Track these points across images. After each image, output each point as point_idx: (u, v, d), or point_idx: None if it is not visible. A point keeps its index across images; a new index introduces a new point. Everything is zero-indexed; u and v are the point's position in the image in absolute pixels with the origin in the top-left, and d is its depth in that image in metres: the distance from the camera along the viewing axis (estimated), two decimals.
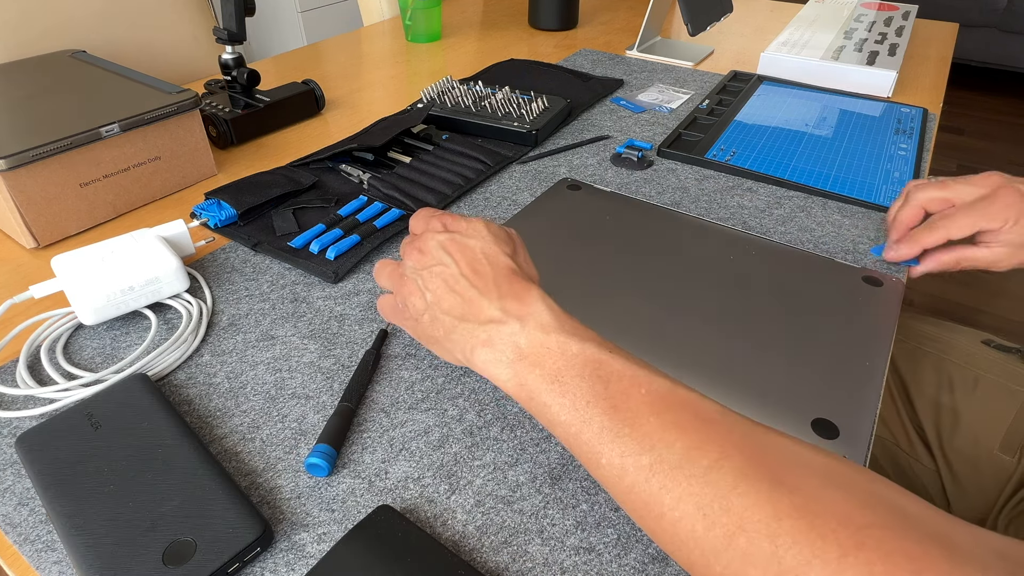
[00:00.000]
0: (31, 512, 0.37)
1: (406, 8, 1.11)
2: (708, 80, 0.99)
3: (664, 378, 0.33)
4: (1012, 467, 0.66)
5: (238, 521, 0.34)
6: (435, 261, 0.39)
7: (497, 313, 0.36)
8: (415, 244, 0.41)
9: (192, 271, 0.55)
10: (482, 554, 0.35)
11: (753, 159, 0.74)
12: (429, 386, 0.45)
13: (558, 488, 0.39)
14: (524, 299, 0.37)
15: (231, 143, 0.77)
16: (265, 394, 0.45)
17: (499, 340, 0.36)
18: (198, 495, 0.35)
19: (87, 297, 0.47)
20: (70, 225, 0.61)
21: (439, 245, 0.40)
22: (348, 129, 0.82)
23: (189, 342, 0.48)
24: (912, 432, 0.71)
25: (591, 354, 0.34)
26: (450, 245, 0.39)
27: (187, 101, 0.65)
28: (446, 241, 0.40)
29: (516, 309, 0.36)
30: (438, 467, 0.40)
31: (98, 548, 0.33)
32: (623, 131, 0.82)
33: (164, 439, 0.39)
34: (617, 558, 0.35)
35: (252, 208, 0.62)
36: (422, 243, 0.41)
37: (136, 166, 0.64)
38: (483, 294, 0.37)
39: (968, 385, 0.70)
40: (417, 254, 0.40)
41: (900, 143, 0.78)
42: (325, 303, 0.53)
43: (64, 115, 0.61)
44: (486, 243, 0.40)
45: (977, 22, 2.86)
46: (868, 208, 0.66)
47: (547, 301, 0.37)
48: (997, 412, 0.67)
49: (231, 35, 0.79)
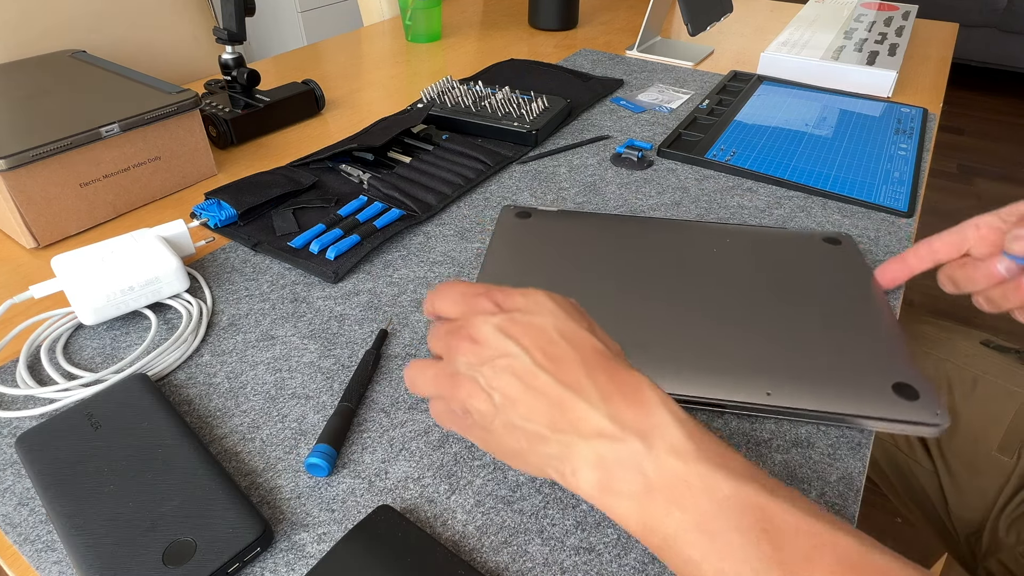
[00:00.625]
0: (31, 512, 0.37)
1: (406, 8, 1.11)
2: (708, 80, 0.99)
3: (848, 534, 0.26)
4: (1011, 468, 0.66)
5: (238, 521, 0.34)
6: (498, 352, 0.31)
7: (607, 425, 0.28)
8: (463, 332, 0.32)
9: (192, 271, 0.55)
10: (482, 554, 0.35)
11: (753, 159, 0.74)
12: None
13: (558, 488, 0.39)
14: (639, 402, 0.29)
15: (231, 143, 0.77)
16: (265, 394, 0.45)
17: (615, 463, 0.28)
18: (198, 495, 0.35)
19: (87, 297, 0.47)
20: (70, 225, 0.61)
21: (497, 329, 0.31)
22: (348, 129, 0.82)
23: (189, 342, 0.48)
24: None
25: (750, 497, 0.26)
26: (512, 328, 0.31)
27: (187, 101, 0.65)
28: (505, 323, 0.31)
29: (633, 419, 0.28)
30: (438, 467, 0.40)
31: (98, 548, 0.33)
32: (623, 131, 0.82)
33: (164, 439, 0.39)
34: (617, 558, 0.35)
35: (252, 208, 0.63)
36: (473, 330, 0.32)
37: (136, 166, 0.64)
38: (578, 393, 0.29)
39: (967, 386, 0.70)
40: (469, 344, 0.32)
41: (900, 143, 0.78)
42: (325, 303, 0.53)
43: (64, 115, 0.61)
44: (558, 319, 0.32)
45: (977, 22, 2.86)
46: (868, 208, 0.66)
47: (670, 405, 0.29)
48: (996, 413, 0.67)
49: (231, 35, 0.79)
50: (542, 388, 0.30)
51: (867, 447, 0.41)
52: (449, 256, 0.59)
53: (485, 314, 0.33)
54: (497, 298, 0.33)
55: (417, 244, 0.60)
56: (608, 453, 0.28)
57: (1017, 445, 0.66)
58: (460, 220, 0.64)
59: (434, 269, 0.57)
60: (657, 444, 0.28)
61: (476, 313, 0.33)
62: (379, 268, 0.57)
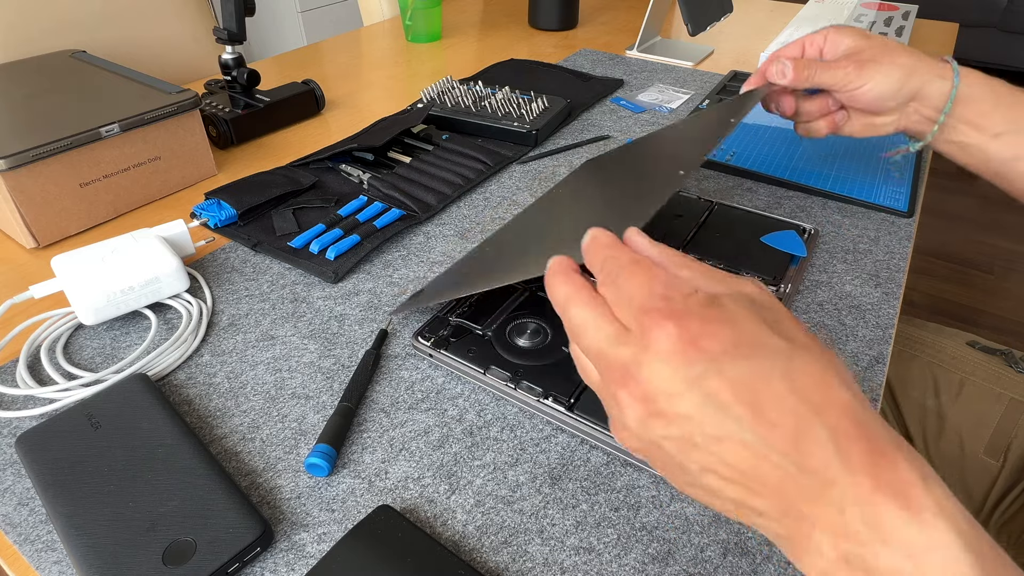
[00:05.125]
0: (31, 512, 0.37)
1: (406, 8, 1.11)
2: (708, 80, 0.99)
3: None
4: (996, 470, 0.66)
5: (238, 521, 0.34)
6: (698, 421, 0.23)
7: (860, 527, 0.22)
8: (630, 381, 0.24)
9: (192, 271, 0.55)
10: (482, 554, 0.35)
11: (753, 159, 0.74)
12: (429, 386, 0.45)
13: (558, 488, 0.39)
14: (912, 508, 0.21)
15: (231, 143, 0.77)
16: (265, 394, 0.45)
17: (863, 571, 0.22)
18: (198, 495, 0.35)
19: (87, 297, 0.47)
20: (70, 225, 0.61)
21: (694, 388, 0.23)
22: (348, 129, 0.82)
23: (189, 342, 0.48)
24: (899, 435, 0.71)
25: None
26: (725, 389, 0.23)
27: (187, 101, 0.65)
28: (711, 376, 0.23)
29: (900, 529, 0.21)
30: (438, 467, 0.40)
31: (98, 548, 0.33)
32: (623, 131, 0.82)
33: (164, 439, 0.39)
34: (617, 558, 0.35)
35: (252, 208, 0.62)
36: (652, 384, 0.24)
37: (136, 166, 0.64)
38: (825, 483, 0.22)
39: (953, 388, 0.70)
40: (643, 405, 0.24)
41: (900, 143, 0.78)
42: (325, 303, 0.53)
43: (64, 115, 0.61)
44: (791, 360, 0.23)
45: (977, 22, 2.86)
46: (868, 208, 0.66)
47: (955, 516, 0.22)
48: (982, 415, 0.68)
49: (231, 35, 0.79)
50: (772, 472, 0.22)
51: None
52: (449, 256, 0.59)
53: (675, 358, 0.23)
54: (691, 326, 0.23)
55: (417, 244, 0.60)
56: (856, 560, 0.22)
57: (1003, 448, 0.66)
58: (460, 220, 0.64)
59: (434, 269, 0.57)
60: (931, 571, 0.21)
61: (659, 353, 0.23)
62: (379, 268, 0.57)
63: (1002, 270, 1.96)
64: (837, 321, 0.52)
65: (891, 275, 0.57)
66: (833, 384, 0.23)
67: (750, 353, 0.23)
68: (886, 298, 0.54)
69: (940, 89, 0.52)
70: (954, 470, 0.68)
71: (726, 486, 0.24)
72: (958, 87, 0.51)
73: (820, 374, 0.23)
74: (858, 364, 0.48)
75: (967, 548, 0.21)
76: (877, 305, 0.53)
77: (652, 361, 0.24)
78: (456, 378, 0.46)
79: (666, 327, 0.23)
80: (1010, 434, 0.66)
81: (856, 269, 0.57)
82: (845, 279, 0.56)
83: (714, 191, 0.69)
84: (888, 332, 0.51)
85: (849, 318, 0.52)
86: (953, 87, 0.51)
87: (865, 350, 0.49)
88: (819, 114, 0.56)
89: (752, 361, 0.23)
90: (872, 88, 0.52)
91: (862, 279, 0.56)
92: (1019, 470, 0.65)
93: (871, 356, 0.48)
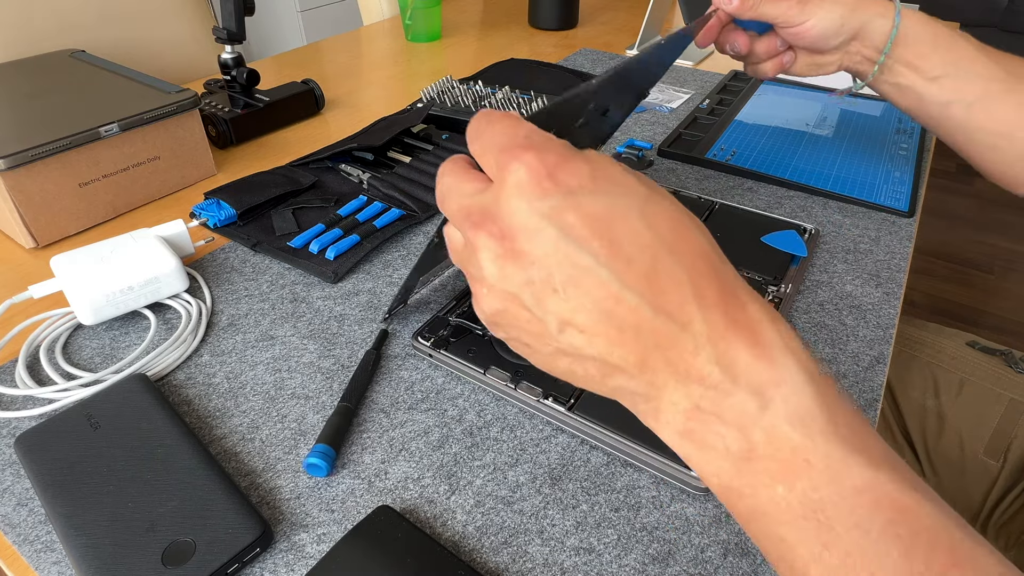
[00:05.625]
0: (30, 512, 0.37)
1: (406, 8, 1.11)
2: (708, 80, 0.98)
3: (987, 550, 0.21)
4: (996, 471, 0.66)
5: (237, 521, 0.34)
6: (555, 262, 0.22)
7: (713, 371, 0.22)
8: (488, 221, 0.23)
9: (191, 271, 0.55)
10: (482, 555, 0.35)
11: (753, 159, 0.74)
12: (429, 386, 0.45)
13: (558, 488, 0.39)
14: (758, 343, 0.22)
15: (231, 143, 0.77)
16: (265, 394, 0.45)
17: (714, 417, 0.22)
18: (197, 495, 0.35)
19: (86, 297, 0.47)
20: (69, 225, 0.61)
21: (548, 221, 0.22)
22: (348, 129, 0.82)
23: (188, 342, 0.48)
24: (899, 435, 0.71)
25: (886, 492, 0.21)
26: (578, 218, 0.22)
27: (186, 101, 0.65)
28: (564, 209, 0.22)
29: (748, 368, 0.22)
30: (438, 467, 0.40)
31: (97, 548, 0.33)
32: (623, 131, 0.82)
33: (163, 439, 0.39)
34: (617, 558, 0.35)
35: (252, 208, 0.62)
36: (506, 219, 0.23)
37: (135, 166, 0.64)
38: (681, 325, 0.22)
39: (953, 388, 0.70)
40: (499, 245, 0.23)
41: (901, 143, 0.78)
42: (325, 303, 0.53)
43: (63, 115, 0.61)
44: (647, 203, 0.23)
45: (977, 22, 2.86)
46: (869, 208, 0.66)
47: (797, 351, 0.22)
48: (982, 416, 0.68)
49: (231, 35, 0.79)
50: (629, 316, 0.22)
51: None
52: None
53: (531, 191, 0.22)
54: (547, 158, 0.22)
55: (417, 244, 0.60)
56: (707, 404, 0.22)
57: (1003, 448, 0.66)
58: None
59: None
60: (775, 406, 0.21)
61: (515, 186, 0.22)
62: (379, 268, 0.57)
63: (1002, 270, 1.96)
64: (838, 321, 0.52)
65: (892, 275, 0.57)
66: (691, 228, 0.23)
67: (609, 189, 0.23)
68: (887, 298, 0.54)
69: (881, 28, 0.52)
70: (954, 470, 0.67)
71: (586, 342, 0.23)
72: (899, 27, 0.52)
73: (678, 218, 0.23)
74: (859, 364, 0.48)
75: (810, 381, 0.22)
76: (878, 305, 0.53)
77: (509, 197, 0.23)
78: (456, 378, 0.46)
79: (523, 157, 0.22)
80: (1010, 435, 0.66)
81: (857, 269, 0.57)
82: (846, 279, 0.56)
83: (714, 191, 0.69)
84: (889, 332, 0.51)
85: (850, 318, 0.52)
86: (894, 27, 0.52)
87: (866, 350, 0.49)
88: (767, 56, 0.58)
89: (611, 197, 0.22)
90: (814, 25, 0.52)
91: (863, 279, 0.56)
92: (1019, 471, 0.65)
93: (872, 356, 0.48)
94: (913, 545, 0.20)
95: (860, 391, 0.45)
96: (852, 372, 0.47)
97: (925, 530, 0.20)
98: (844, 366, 0.47)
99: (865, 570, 0.20)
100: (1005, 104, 0.52)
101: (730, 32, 0.57)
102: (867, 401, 0.45)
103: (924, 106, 0.55)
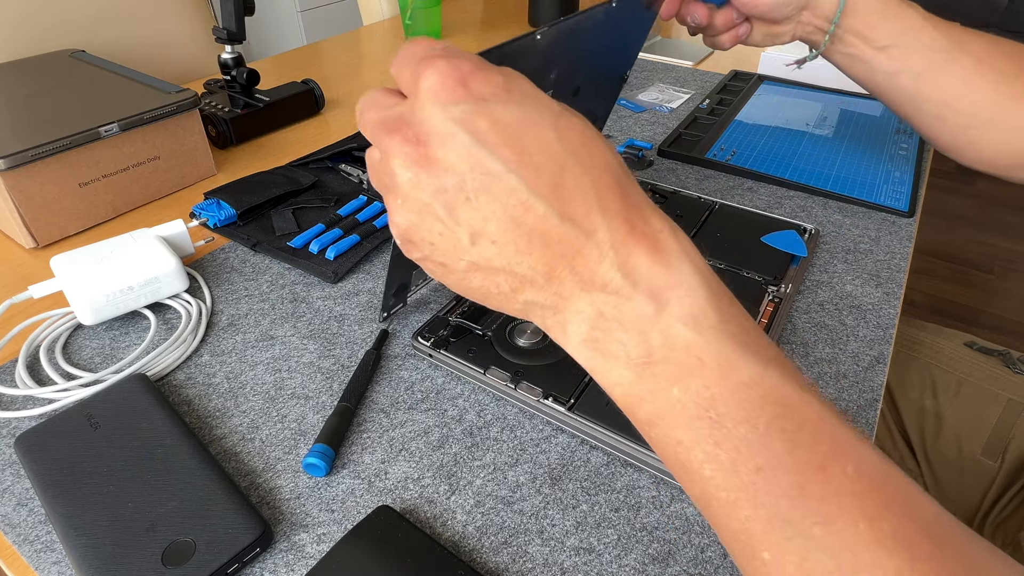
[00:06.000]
0: (30, 512, 0.37)
1: (406, 8, 1.11)
2: (708, 79, 0.98)
3: (870, 448, 0.22)
4: (994, 471, 0.66)
5: (237, 521, 0.34)
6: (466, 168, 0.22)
7: (615, 276, 0.22)
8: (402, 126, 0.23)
9: (191, 271, 0.55)
10: (482, 555, 0.35)
11: (753, 159, 0.74)
12: (429, 386, 0.45)
13: (558, 488, 0.39)
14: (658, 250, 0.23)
15: (230, 143, 0.77)
16: (264, 394, 0.45)
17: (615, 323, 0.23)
18: (197, 495, 0.35)
19: (86, 297, 0.47)
20: (69, 225, 0.61)
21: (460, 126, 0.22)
22: (348, 129, 0.82)
23: (188, 342, 0.48)
24: (897, 435, 0.71)
25: (773, 388, 0.22)
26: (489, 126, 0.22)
27: (186, 101, 0.65)
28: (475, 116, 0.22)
29: (648, 273, 0.22)
30: (438, 467, 0.40)
31: (97, 548, 0.33)
32: (623, 131, 0.82)
33: (163, 439, 0.39)
34: (617, 558, 0.35)
35: (252, 208, 0.62)
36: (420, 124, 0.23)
37: (135, 166, 0.64)
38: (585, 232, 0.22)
39: (951, 389, 0.70)
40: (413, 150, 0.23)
41: (901, 143, 0.78)
42: (325, 303, 0.53)
43: (63, 115, 0.61)
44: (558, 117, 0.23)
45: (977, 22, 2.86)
46: (869, 208, 0.66)
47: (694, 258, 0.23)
48: (980, 416, 0.68)
49: (231, 34, 0.79)
50: (537, 225, 0.22)
51: None
52: None
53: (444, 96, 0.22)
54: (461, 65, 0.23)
55: None
56: (609, 311, 0.23)
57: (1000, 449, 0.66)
58: None
59: None
60: (671, 308, 0.22)
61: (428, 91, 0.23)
62: (379, 268, 0.57)
63: (1002, 270, 1.96)
64: (838, 321, 0.52)
65: (892, 275, 0.57)
66: (599, 144, 0.24)
67: (522, 100, 0.23)
68: (887, 298, 0.54)
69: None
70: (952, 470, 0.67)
71: (497, 252, 0.23)
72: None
73: (588, 134, 0.24)
74: (859, 364, 0.48)
75: (704, 284, 0.23)
76: (878, 305, 0.53)
77: (424, 103, 0.23)
78: (456, 378, 0.46)
79: (437, 64, 0.23)
80: (1008, 435, 0.66)
81: (857, 269, 0.57)
82: (846, 279, 0.56)
83: (714, 191, 0.69)
84: (889, 332, 0.51)
85: (850, 318, 0.52)
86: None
87: (866, 350, 0.49)
88: (724, 28, 0.59)
89: (522, 107, 0.23)
90: None
91: (863, 279, 0.56)
92: (1016, 471, 0.65)
93: (872, 356, 0.48)
94: (797, 438, 0.21)
95: (860, 391, 0.45)
96: (852, 372, 0.47)
97: (809, 423, 0.21)
98: (844, 366, 0.47)
99: (752, 463, 0.21)
100: (949, 74, 0.53)
101: (690, 3, 0.58)
102: (867, 401, 0.45)
103: (874, 76, 0.56)
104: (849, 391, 0.45)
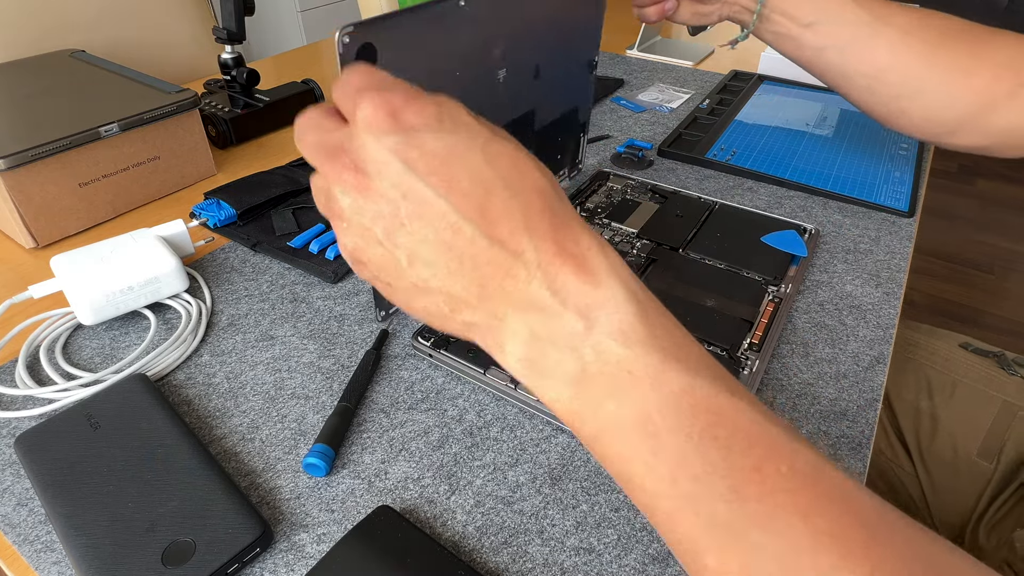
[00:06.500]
0: (30, 512, 0.37)
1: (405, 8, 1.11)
2: (708, 79, 0.98)
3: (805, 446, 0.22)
4: (990, 473, 0.66)
5: (237, 521, 0.34)
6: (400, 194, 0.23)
7: (544, 296, 0.23)
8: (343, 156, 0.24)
9: (191, 271, 0.55)
10: (482, 555, 0.35)
11: (753, 159, 0.74)
12: (429, 386, 0.45)
13: (558, 488, 0.39)
14: (586, 269, 0.23)
15: (230, 143, 0.77)
16: (264, 394, 0.45)
17: (548, 342, 0.23)
18: (197, 495, 0.35)
19: (86, 297, 0.47)
20: (69, 225, 0.61)
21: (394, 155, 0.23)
22: None
23: (188, 342, 0.48)
24: (893, 437, 0.71)
25: (703, 397, 0.22)
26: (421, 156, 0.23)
27: (186, 101, 0.65)
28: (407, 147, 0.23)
29: (576, 292, 0.23)
30: (438, 467, 0.40)
31: (97, 548, 0.33)
32: (623, 131, 0.82)
33: (163, 439, 0.39)
34: (617, 559, 0.35)
35: (251, 208, 0.62)
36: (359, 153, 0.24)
37: (135, 166, 0.64)
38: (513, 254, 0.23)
39: (946, 390, 0.70)
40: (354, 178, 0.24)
41: (901, 143, 0.78)
42: (325, 303, 0.53)
43: (63, 115, 0.61)
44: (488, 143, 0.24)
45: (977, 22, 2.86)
46: (869, 208, 0.66)
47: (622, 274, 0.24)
48: (975, 418, 0.68)
49: (231, 34, 0.79)
50: (467, 248, 0.23)
51: (868, 447, 0.41)
52: None
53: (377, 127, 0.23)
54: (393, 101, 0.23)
55: None
56: (541, 329, 0.23)
57: (996, 450, 0.66)
58: None
59: None
60: (600, 324, 0.23)
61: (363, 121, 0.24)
62: None
63: (1002, 270, 1.96)
64: (838, 321, 0.52)
65: (892, 275, 0.57)
66: (531, 168, 0.24)
67: (453, 128, 0.24)
68: (887, 298, 0.54)
69: None
70: (948, 472, 0.67)
71: (432, 274, 0.24)
72: None
73: (519, 157, 0.24)
74: (859, 364, 0.48)
75: (632, 299, 0.23)
76: (878, 305, 0.53)
77: (359, 132, 0.24)
78: (456, 378, 0.46)
79: (371, 96, 0.24)
80: (1003, 436, 0.66)
81: (857, 269, 0.57)
82: (846, 279, 0.56)
83: (714, 191, 0.69)
84: (889, 332, 0.51)
85: (850, 318, 0.52)
86: None
87: (866, 350, 0.49)
88: (652, 1, 0.60)
89: (454, 135, 0.23)
90: None
91: (863, 279, 0.56)
92: (1012, 472, 0.65)
93: (872, 356, 0.48)
94: (731, 443, 0.21)
95: (860, 391, 0.45)
96: (852, 372, 0.47)
97: (742, 428, 0.22)
98: (844, 366, 0.47)
99: (689, 471, 0.21)
100: (874, 47, 0.54)
101: None
102: (867, 401, 0.45)
103: (803, 52, 0.58)
104: (849, 391, 0.45)
